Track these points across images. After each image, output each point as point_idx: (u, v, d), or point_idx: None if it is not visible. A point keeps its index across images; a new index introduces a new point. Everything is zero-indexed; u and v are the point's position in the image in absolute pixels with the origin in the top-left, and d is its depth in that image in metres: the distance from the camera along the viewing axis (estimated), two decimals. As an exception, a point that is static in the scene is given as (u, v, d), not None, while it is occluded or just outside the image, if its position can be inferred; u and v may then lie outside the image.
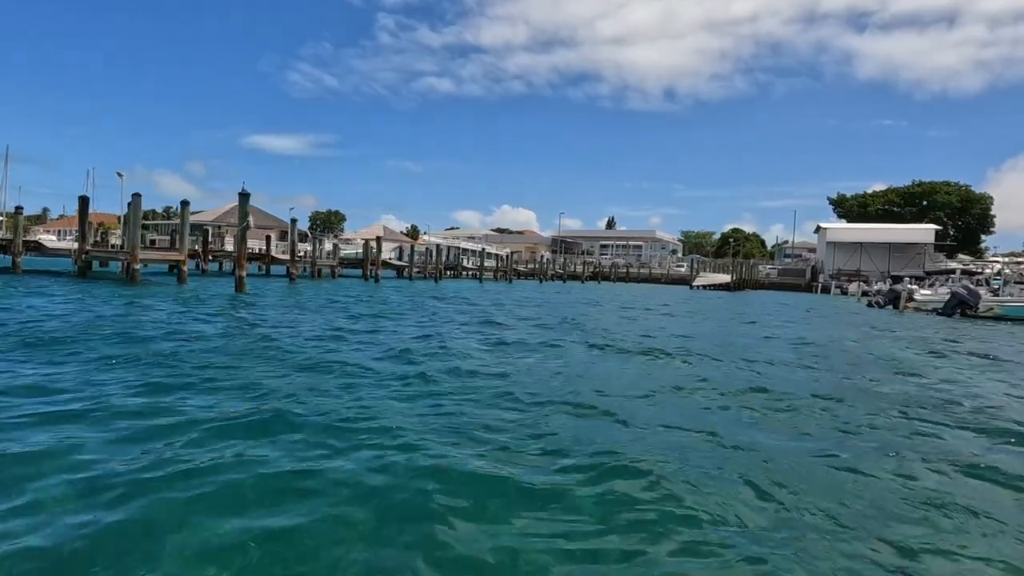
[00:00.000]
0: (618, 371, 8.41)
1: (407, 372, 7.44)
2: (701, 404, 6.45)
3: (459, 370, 7.77)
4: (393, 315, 15.71)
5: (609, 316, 19.20)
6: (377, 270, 35.42)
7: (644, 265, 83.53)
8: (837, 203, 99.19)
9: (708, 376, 8.14)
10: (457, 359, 8.66)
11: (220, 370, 6.99)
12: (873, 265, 66.43)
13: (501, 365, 8.38)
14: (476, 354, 9.33)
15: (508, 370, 7.97)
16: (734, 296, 48.22)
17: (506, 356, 9.33)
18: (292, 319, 13.29)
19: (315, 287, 28.67)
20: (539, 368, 8.33)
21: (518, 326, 14.24)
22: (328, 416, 5.19)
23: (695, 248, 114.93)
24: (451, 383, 6.93)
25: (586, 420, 5.52)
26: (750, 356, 10.44)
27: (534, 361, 9.00)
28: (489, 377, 7.41)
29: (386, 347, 9.57)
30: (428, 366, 7.89)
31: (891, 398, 7.20)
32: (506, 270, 52.74)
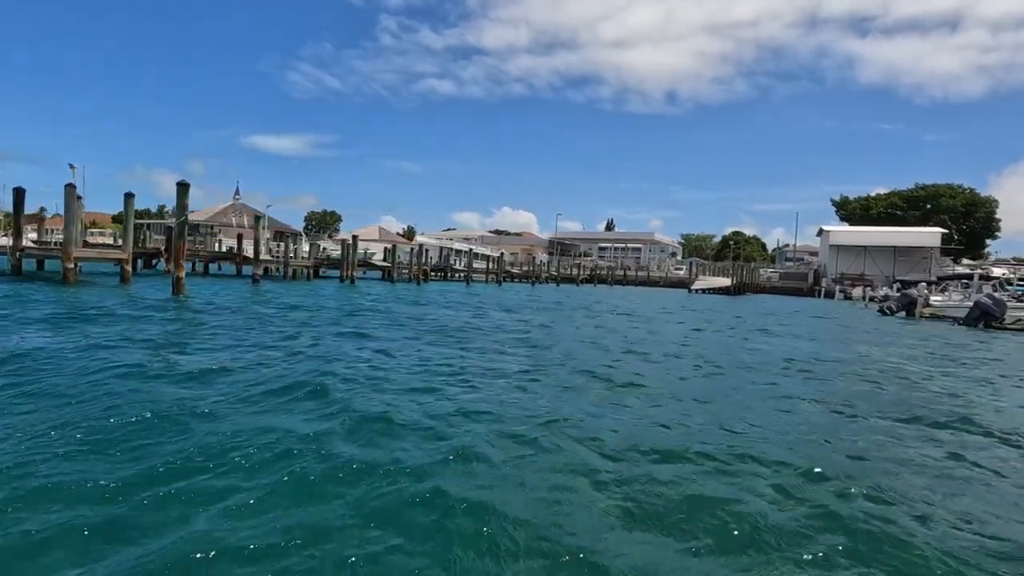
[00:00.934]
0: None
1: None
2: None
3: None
4: (310, 331, 13.02)
5: (585, 326, 16.52)
6: (352, 271, 32.74)
7: (642, 268, 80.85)
8: (840, 205, 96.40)
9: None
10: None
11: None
12: (878, 269, 63.60)
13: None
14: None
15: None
16: (734, 300, 45.47)
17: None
18: (177, 331, 10.60)
19: (281, 289, 26.04)
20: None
21: (473, 345, 11.54)
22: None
23: (695, 251, 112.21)
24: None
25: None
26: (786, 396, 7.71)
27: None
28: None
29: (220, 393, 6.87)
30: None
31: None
32: (497, 272, 50.05)
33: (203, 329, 11.02)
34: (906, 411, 6.72)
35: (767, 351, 12.34)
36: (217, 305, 16.32)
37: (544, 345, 11.38)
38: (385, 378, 7.16)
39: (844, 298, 55.66)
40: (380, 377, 7.22)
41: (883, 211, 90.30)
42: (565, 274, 66.82)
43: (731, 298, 49.71)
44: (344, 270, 33.18)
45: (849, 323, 22.93)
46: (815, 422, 6.10)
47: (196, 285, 25.65)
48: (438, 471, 3.99)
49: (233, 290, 23.41)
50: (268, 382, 6.49)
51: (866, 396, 7.66)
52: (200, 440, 4.34)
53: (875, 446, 5.26)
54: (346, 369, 7.57)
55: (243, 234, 60.11)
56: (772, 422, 5.90)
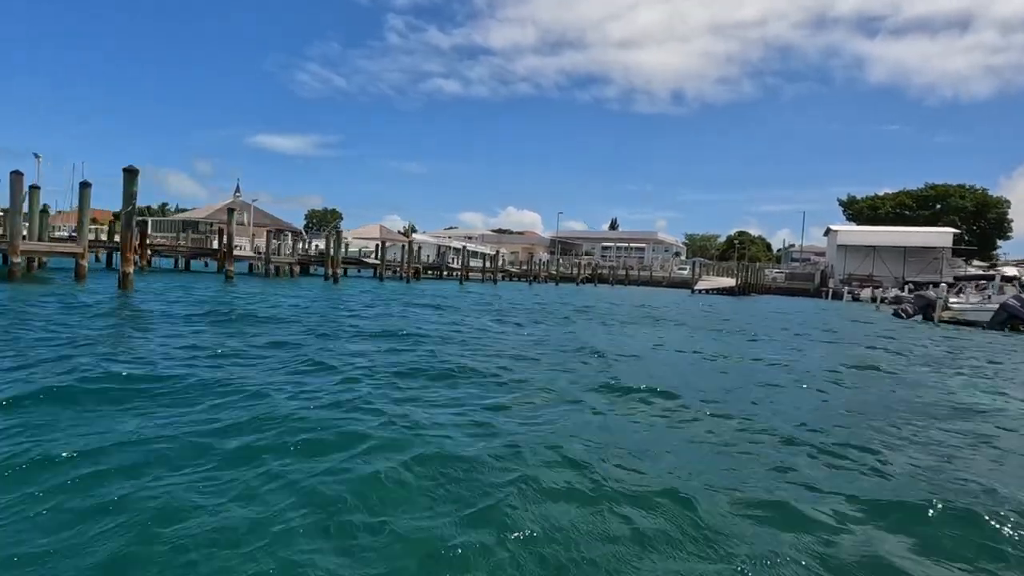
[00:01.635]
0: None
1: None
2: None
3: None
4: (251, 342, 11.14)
5: (555, 331, 14.59)
6: (335, 269, 30.88)
7: (645, 267, 78.70)
8: (847, 205, 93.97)
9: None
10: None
11: None
12: (887, 270, 61.29)
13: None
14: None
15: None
16: (738, 301, 43.36)
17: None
18: (91, 336, 8.75)
19: (255, 287, 24.24)
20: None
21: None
22: None
23: (700, 251, 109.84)
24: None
25: None
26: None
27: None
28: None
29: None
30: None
31: None
32: (493, 271, 48.11)
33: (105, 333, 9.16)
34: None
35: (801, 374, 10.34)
36: (161, 305, 14.49)
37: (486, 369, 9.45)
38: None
39: (852, 299, 53.45)
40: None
41: (892, 211, 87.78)
42: (565, 273, 64.81)
43: (735, 299, 47.57)
44: (328, 268, 31.31)
45: (866, 330, 20.86)
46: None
47: (165, 282, 23.94)
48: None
49: (200, 288, 21.62)
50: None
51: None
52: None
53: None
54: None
55: (240, 231, 58.39)
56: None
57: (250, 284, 25.78)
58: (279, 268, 33.20)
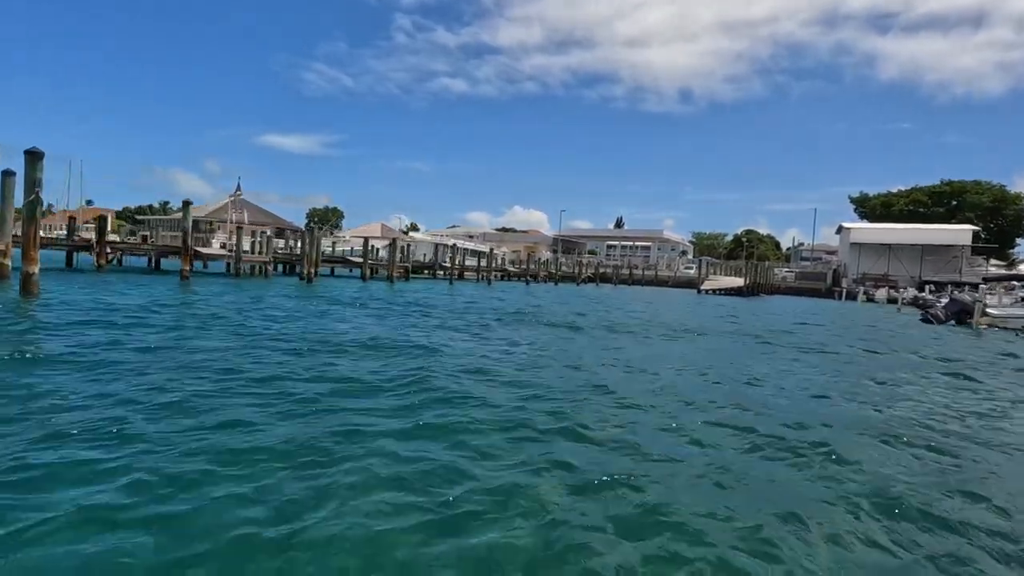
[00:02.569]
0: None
1: None
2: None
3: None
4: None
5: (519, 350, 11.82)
6: (310, 269, 28.20)
7: (650, 267, 75.63)
8: (859, 202, 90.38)
9: None
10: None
11: None
12: (903, 269, 57.98)
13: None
14: None
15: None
16: (748, 302, 40.38)
17: None
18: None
19: (216, 289, 21.62)
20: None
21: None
22: None
23: (707, 250, 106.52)
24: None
25: None
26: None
27: None
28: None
29: None
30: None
31: None
32: (488, 270, 45.30)
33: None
34: None
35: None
36: (63, 314, 11.81)
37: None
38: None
39: (867, 300, 50.26)
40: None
41: (905, 208, 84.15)
42: (566, 272, 61.93)
43: (744, 299, 44.55)
44: (304, 267, 28.63)
45: (898, 341, 17.87)
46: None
47: (116, 282, 21.36)
48: None
49: (139, 291, 18.99)
50: None
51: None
52: None
53: None
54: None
55: (241, 230, 55.79)
56: None
57: (208, 285, 23.14)
58: (253, 268, 30.62)
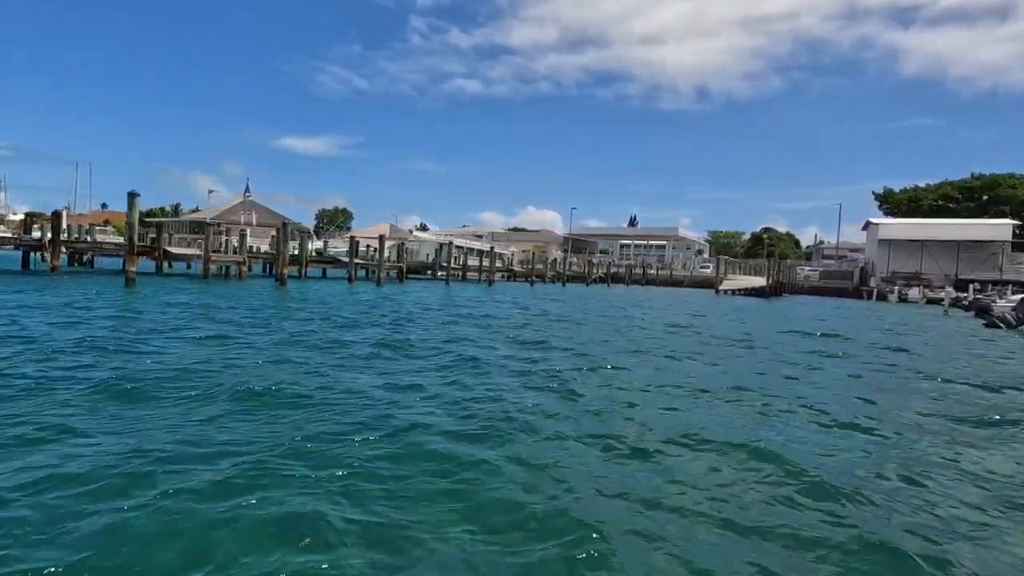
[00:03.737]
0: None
1: None
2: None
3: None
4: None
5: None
6: (282, 270, 25.10)
7: (665, 266, 71.76)
8: (883, 198, 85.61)
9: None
10: None
11: None
12: (937, 267, 53.52)
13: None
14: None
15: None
16: (771, 304, 36.61)
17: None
18: None
19: (172, 291, 18.62)
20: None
21: None
22: None
23: (723, 249, 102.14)
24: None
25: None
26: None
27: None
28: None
29: None
30: None
31: None
32: (490, 270, 41.97)
33: None
34: None
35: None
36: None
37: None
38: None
39: (900, 300, 46.10)
40: None
41: (934, 203, 79.31)
42: (576, 272, 58.47)
43: (766, 301, 40.74)
44: (278, 268, 25.53)
45: (978, 355, 14.22)
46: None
47: (46, 286, 18.44)
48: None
49: (57, 294, 16.03)
50: None
51: None
52: None
53: None
54: None
55: (250, 231, 53.36)
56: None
57: (160, 288, 20.14)
58: (227, 269, 27.70)
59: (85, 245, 26.39)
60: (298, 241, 33.93)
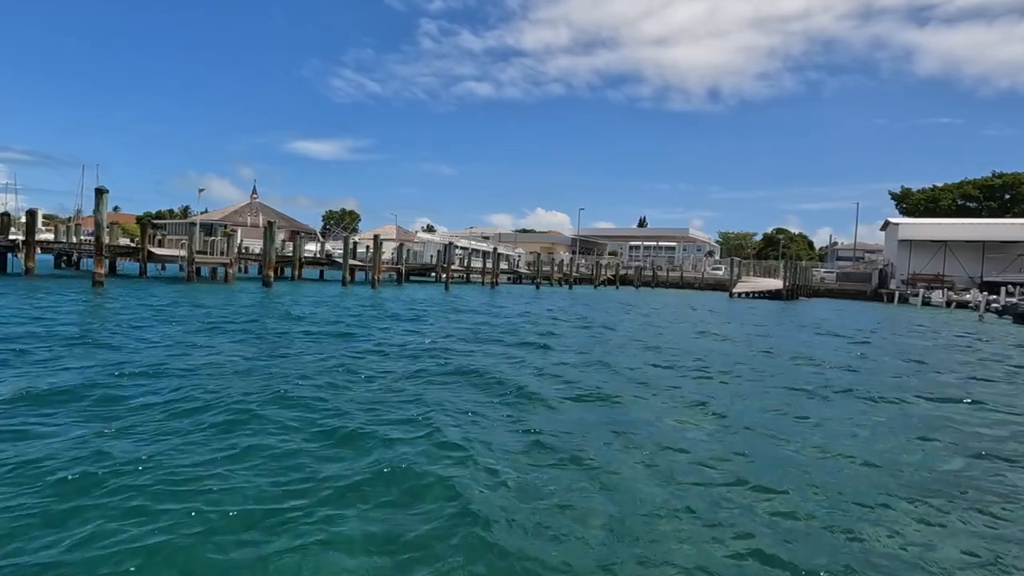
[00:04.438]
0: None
1: None
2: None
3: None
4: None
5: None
6: (268, 271, 23.33)
7: (675, 268, 69.52)
8: (900, 198, 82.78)
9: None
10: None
11: None
12: (961, 268, 50.99)
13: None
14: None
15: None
16: (788, 307, 34.45)
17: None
18: None
19: (126, 296, 16.94)
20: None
21: None
22: None
23: (735, 250, 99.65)
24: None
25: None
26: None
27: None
28: None
29: None
30: None
31: None
32: (493, 272, 40.08)
33: None
34: None
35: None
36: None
37: None
38: None
39: (923, 304, 43.65)
40: None
41: (954, 203, 76.46)
42: (584, 275, 56.49)
43: (783, 304, 38.57)
44: (266, 270, 23.77)
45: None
46: None
47: (17, 289, 16.84)
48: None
49: (55, 296, 14.41)
50: None
51: None
52: None
53: None
54: None
55: (252, 232, 51.66)
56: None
57: (130, 291, 18.46)
58: (214, 271, 26.05)
59: (62, 246, 24.81)
60: (294, 242, 32.30)
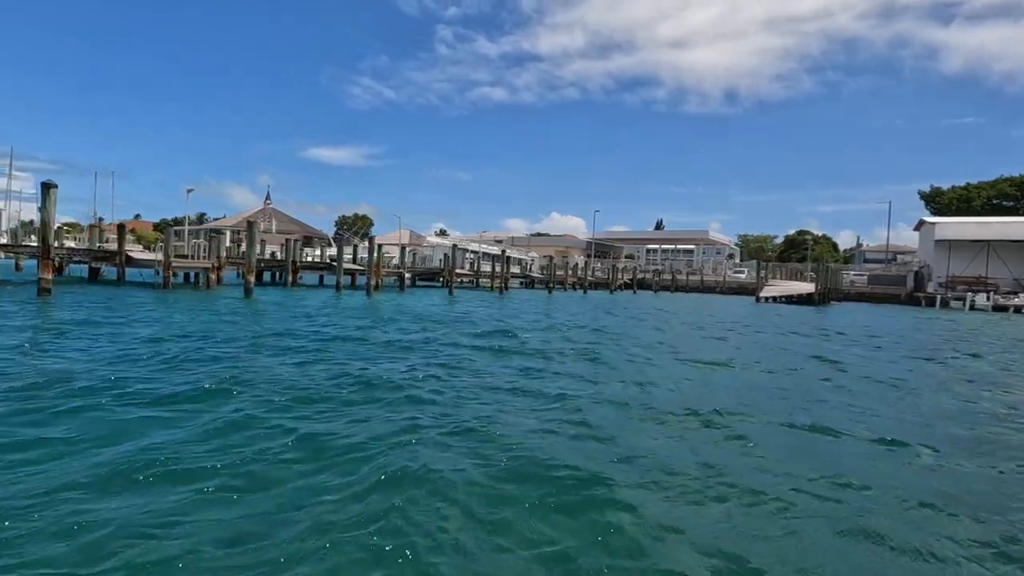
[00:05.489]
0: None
1: None
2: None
3: None
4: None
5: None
6: (249, 276, 20.80)
7: (695, 271, 66.17)
8: (930, 198, 78.56)
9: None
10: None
11: None
12: (1006, 270, 47.09)
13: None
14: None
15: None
16: (823, 313, 31.19)
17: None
18: None
19: (75, 307, 14.48)
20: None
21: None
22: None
23: (755, 253, 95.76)
24: None
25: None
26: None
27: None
28: None
29: None
30: None
31: None
32: (503, 276, 37.30)
33: None
34: None
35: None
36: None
37: None
38: None
39: (970, 308, 40.04)
40: None
41: (988, 202, 72.10)
42: (600, 279, 53.50)
43: (816, 309, 35.26)
44: (246, 275, 21.25)
45: None
46: None
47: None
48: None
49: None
50: None
51: None
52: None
53: None
54: None
55: (270, 239, 49.56)
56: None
57: (85, 300, 15.99)
58: (196, 277, 23.65)
59: (25, 248, 22.54)
60: (287, 246, 29.89)
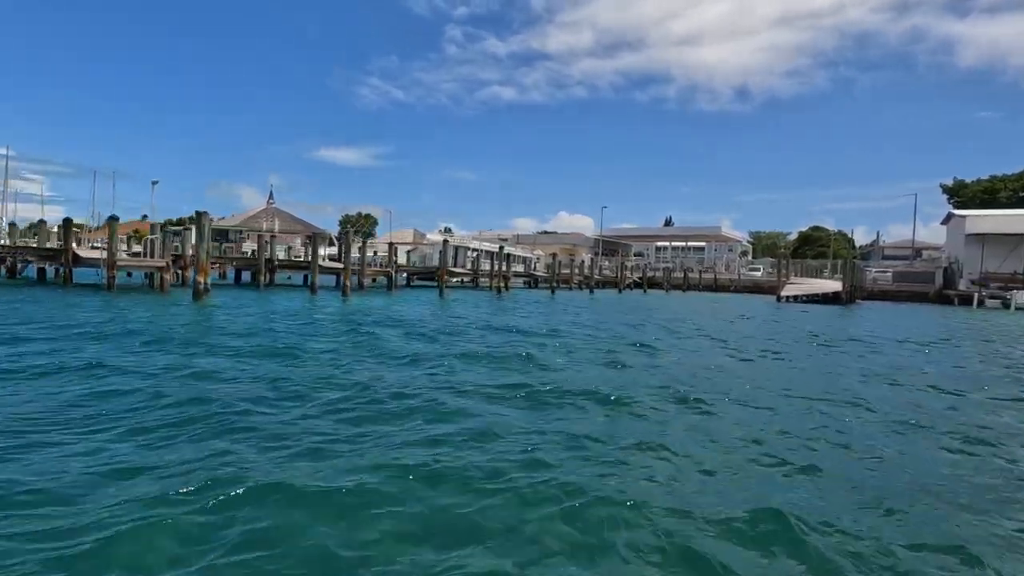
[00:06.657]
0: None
1: None
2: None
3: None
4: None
5: None
6: (201, 278, 17.71)
7: (707, 268, 62.56)
8: (953, 191, 74.39)
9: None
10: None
11: None
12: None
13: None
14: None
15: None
16: (852, 314, 27.69)
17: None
18: None
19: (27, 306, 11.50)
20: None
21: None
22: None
23: (767, 250, 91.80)
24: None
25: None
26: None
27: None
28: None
29: None
30: None
31: None
32: (503, 275, 34.06)
33: None
34: None
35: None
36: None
37: None
38: None
39: (1016, 308, 36.31)
40: None
41: (1014, 194, 67.87)
42: (607, 277, 50.13)
43: (842, 310, 31.75)
44: (198, 274, 18.13)
45: None
46: None
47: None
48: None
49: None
50: None
51: None
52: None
53: None
54: None
55: (275, 238, 46.63)
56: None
57: (8, 303, 12.99)
58: (151, 277, 20.65)
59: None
60: (259, 244, 26.82)
